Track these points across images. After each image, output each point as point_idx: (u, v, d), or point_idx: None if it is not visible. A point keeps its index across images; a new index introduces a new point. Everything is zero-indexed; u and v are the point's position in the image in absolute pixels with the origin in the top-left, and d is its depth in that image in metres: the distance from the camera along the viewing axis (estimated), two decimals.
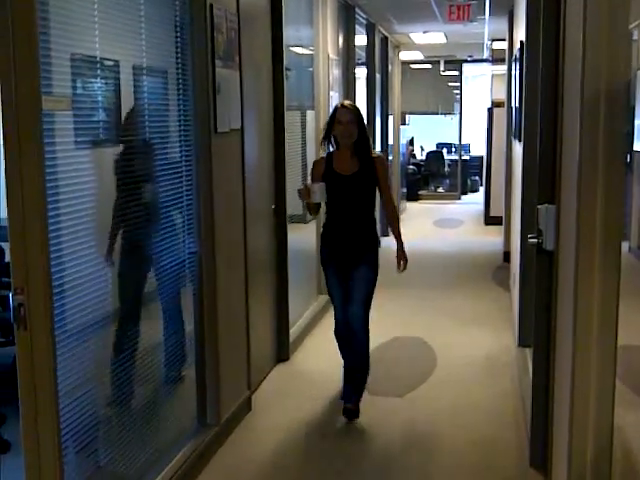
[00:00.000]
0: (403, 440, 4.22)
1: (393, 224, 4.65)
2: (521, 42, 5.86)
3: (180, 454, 3.64)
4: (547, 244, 3.38)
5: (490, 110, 11.86)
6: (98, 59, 3.01)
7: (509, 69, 8.58)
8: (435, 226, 12.50)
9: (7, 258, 3.90)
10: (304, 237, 6.41)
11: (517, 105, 6.39)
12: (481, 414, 4.56)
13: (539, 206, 3.39)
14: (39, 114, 2.35)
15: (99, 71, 3.06)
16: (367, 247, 4.45)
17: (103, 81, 3.13)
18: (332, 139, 4.45)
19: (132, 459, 3.27)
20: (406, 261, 4.57)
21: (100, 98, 3.15)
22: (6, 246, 3.58)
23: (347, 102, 4.55)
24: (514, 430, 4.28)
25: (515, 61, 6.83)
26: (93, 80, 3.05)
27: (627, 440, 3.98)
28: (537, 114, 3.82)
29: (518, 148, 6.24)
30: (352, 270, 4.43)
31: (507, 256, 8.59)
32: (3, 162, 2.29)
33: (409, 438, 4.25)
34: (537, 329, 3.78)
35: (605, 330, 2.53)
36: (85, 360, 2.82)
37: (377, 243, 4.53)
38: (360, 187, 4.38)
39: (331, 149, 4.55)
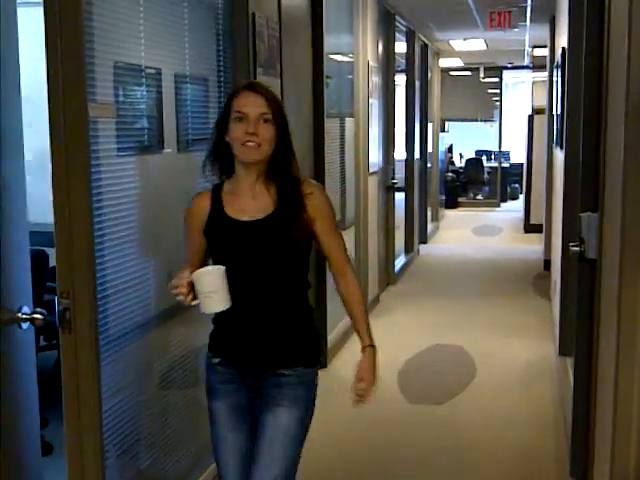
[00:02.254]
0: (442, 447, 4.20)
1: (354, 313, 2.46)
2: (563, 48, 5.81)
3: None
4: (589, 252, 3.34)
5: (530, 117, 11.78)
6: (141, 67, 3.05)
7: (550, 76, 8.52)
8: (474, 234, 12.44)
9: (51, 263, 3.96)
10: None
11: (559, 112, 6.34)
12: (521, 423, 4.52)
13: (581, 214, 3.36)
14: (86, 121, 2.39)
15: (141, 79, 3.10)
16: (292, 365, 2.37)
17: (145, 89, 3.17)
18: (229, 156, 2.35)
19: (172, 463, 3.30)
20: (373, 380, 2.49)
21: (142, 106, 3.19)
22: (50, 251, 3.64)
23: (256, 82, 2.65)
24: (554, 439, 4.23)
25: (557, 68, 6.78)
26: (136, 88, 3.09)
27: None
28: (580, 121, 3.79)
29: (560, 155, 6.19)
30: (261, 411, 2.37)
31: (547, 264, 8.52)
32: (50, 168, 2.33)
33: (448, 445, 4.23)
34: (578, 338, 3.73)
35: None
36: (128, 364, 2.86)
37: (316, 352, 2.45)
38: (278, 243, 2.30)
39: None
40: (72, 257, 2.34)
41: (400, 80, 9.41)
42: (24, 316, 2.25)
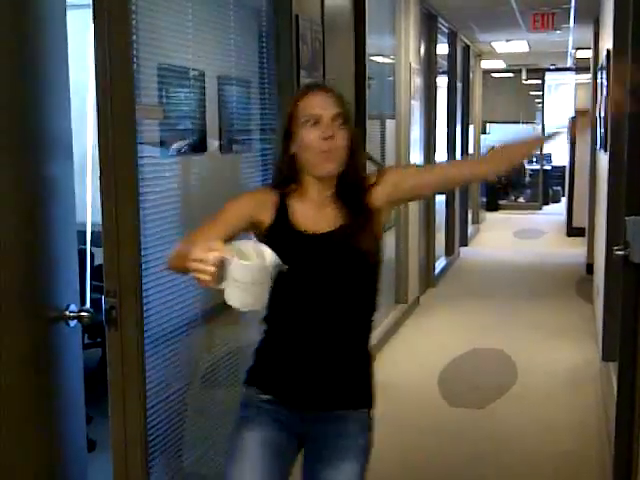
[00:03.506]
0: (481, 452, 4.18)
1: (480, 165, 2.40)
2: (608, 50, 5.75)
3: None
4: (635, 257, 3.31)
5: (573, 119, 11.67)
6: (186, 70, 3.09)
7: (594, 77, 8.43)
8: (515, 237, 12.34)
9: (96, 262, 4.02)
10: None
11: (603, 115, 6.27)
12: (562, 428, 4.48)
13: (627, 218, 3.33)
14: (133, 123, 2.42)
15: (186, 81, 3.14)
16: (360, 406, 2.12)
17: (189, 91, 3.21)
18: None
19: (216, 461, 3.33)
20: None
21: (186, 107, 3.23)
22: (96, 251, 3.69)
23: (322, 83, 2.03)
24: (597, 446, 4.18)
25: (601, 69, 6.71)
26: (180, 90, 3.13)
27: None
28: (625, 124, 3.75)
29: (603, 158, 6.13)
30: (316, 465, 2.07)
31: (590, 268, 8.42)
32: (98, 170, 2.37)
33: (488, 450, 4.20)
34: (622, 343, 3.69)
35: None
36: (172, 362, 2.89)
37: (374, 394, 2.14)
38: (352, 262, 2.03)
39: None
40: (119, 257, 2.37)
41: (442, 82, 9.38)
42: (71, 314, 2.29)
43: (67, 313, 2.28)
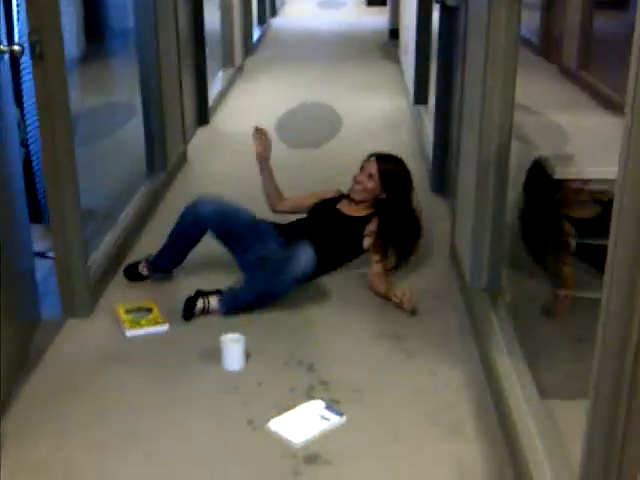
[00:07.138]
0: (323, 173, 4.76)
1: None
2: None
3: (138, 194, 4.16)
4: (450, 0, 3.93)
5: None
6: None
7: None
8: (319, 7, 12.86)
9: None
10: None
11: None
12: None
13: None
14: None
15: None
16: None
17: None
18: None
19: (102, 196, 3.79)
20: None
21: None
22: None
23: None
24: (416, 168, 4.89)
25: None
26: None
27: None
28: None
29: None
30: None
31: (393, 33, 9.12)
32: None
33: (329, 171, 4.81)
34: (441, 77, 4.35)
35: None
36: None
37: None
38: None
39: None
40: None
41: None
42: (3, 47, 2.60)
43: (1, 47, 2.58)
